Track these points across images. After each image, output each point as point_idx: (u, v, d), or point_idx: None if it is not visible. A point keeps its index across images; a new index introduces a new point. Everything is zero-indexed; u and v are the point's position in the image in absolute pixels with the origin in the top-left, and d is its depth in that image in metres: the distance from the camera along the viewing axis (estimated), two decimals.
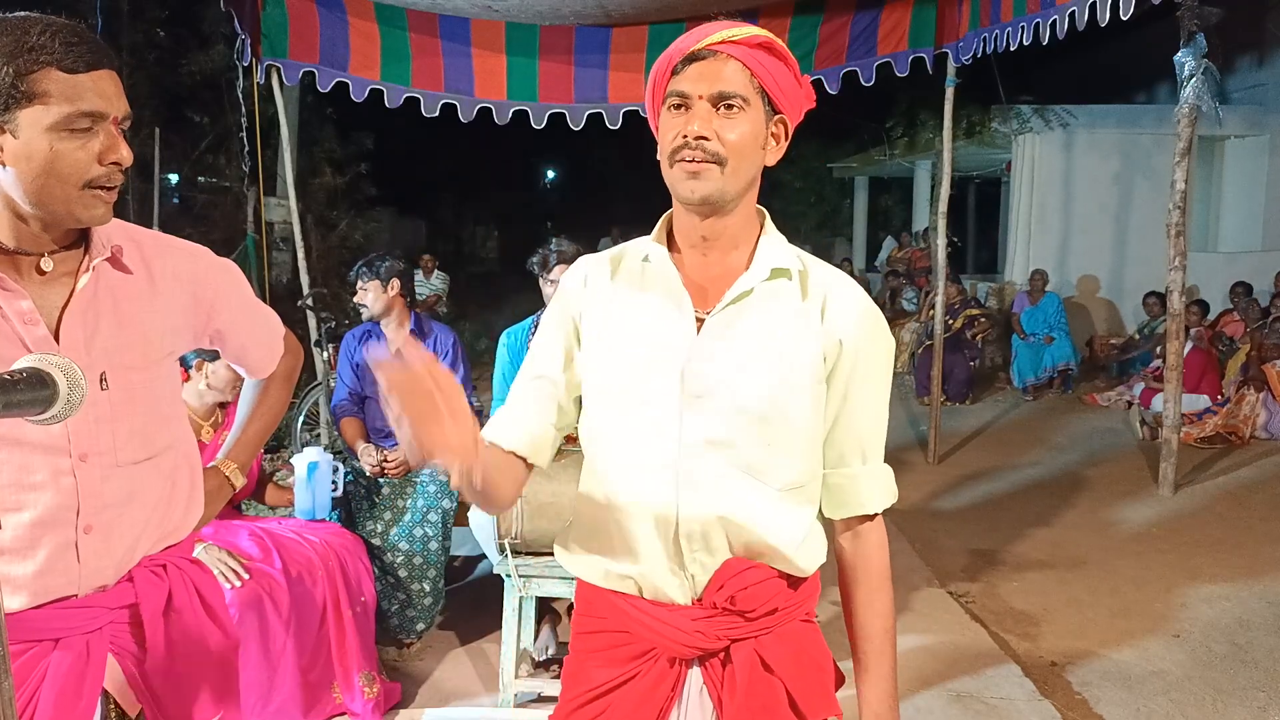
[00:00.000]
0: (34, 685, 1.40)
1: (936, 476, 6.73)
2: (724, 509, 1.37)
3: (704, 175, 1.32)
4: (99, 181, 1.36)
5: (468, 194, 25.56)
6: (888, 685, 1.44)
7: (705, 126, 1.31)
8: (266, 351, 1.82)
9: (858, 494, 1.44)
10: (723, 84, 1.32)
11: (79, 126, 1.33)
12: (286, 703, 3.01)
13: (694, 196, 1.33)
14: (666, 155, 1.35)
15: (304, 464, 3.39)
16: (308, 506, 3.41)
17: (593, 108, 5.81)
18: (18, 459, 1.37)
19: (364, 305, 3.85)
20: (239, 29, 5.13)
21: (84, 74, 1.32)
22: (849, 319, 1.40)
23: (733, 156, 1.32)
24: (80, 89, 1.32)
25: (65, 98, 1.31)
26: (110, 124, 1.36)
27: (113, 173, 1.37)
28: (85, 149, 1.34)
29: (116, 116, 1.37)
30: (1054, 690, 3.58)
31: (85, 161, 1.34)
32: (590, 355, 1.44)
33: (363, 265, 3.86)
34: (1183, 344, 6.30)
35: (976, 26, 5.96)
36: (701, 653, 1.41)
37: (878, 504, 1.45)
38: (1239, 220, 11.28)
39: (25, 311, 1.38)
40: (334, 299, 9.49)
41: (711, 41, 1.33)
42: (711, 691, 1.42)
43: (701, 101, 1.32)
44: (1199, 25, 5.74)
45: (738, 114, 1.33)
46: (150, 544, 1.53)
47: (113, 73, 1.37)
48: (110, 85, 1.36)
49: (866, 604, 1.45)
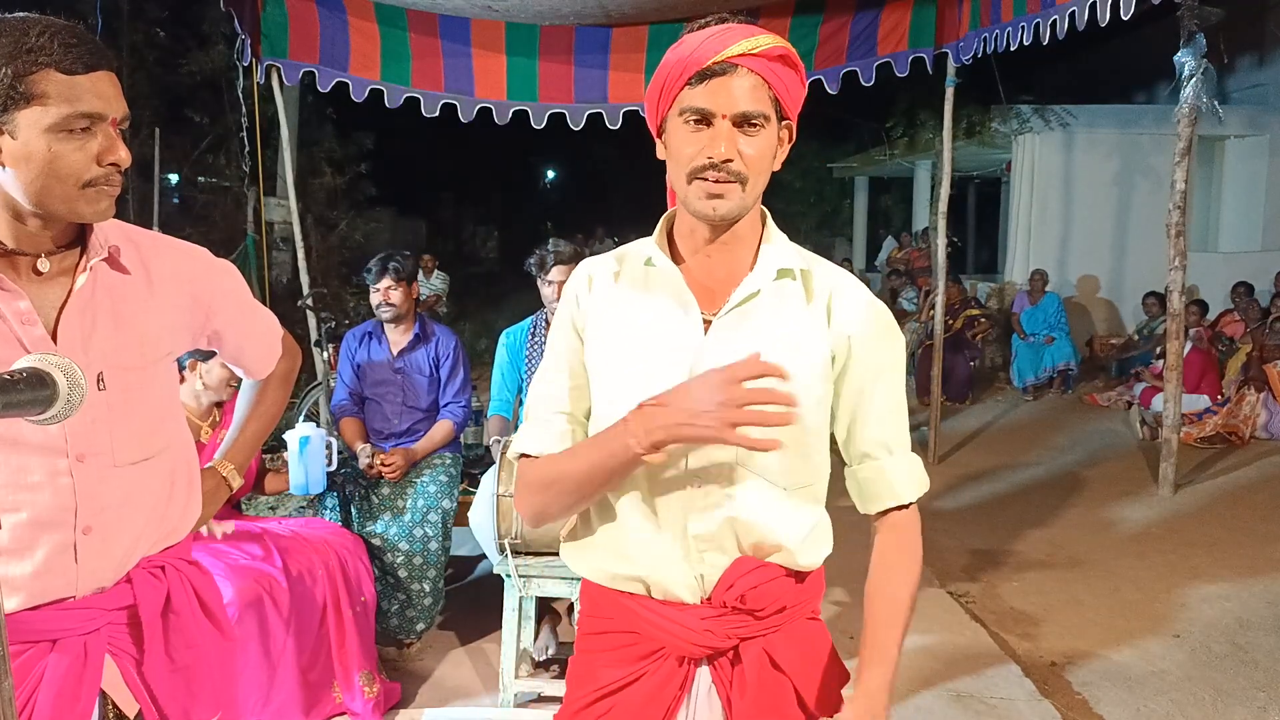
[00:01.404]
0: (32, 686, 1.40)
1: (936, 476, 6.71)
2: (733, 509, 1.37)
3: (727, 196, 1.32)
4: (98, 182, 1.36)
5: (468, 194, 25.56)
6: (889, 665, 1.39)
7: (731, 149, 1.30)
8: (264, 352, 1.82)
9: (889, 485, 1.43)
10: (746, 103, 1.30)
11: (77, 127, 1.33)
12: (286, 702, 3.01)
13: (715, 215, 1.33)
14: (685, 171, 1.34)
15: (295, 439, 3.31)
16: (301, 481, 3.30)
17: (593, 108, 5.81)
18: (15, 460, 1.37)
19: (390, 305, 3.82)
20: (239, 29, 5.13)
21: (82, 75, 1.32)
22: (856, 317, 1.40)
23: (753, 174, 1.33)
24: (78, 90, 1.32)
25: (64, 99, 1.31)
26: (109, 125, 1.36)
27: (111, 173, 1.37)
28: (84, 150, 1.34)
29: (115, 118, 1.37)
30: (1054, 690, 3.58)
31: (84, 162, 1.34)
32: (597, 359, 1.44)
33: (386, 265, 3.82)
34: (1183, 344, 6.30)
35: (976, 26, 5.97)
36: (711, 652, 1.41)
37: (910, 493, 1.44)
38: (1239, 220, 11.27)
39: (23, 311, 1.37)
40: (334, 299, 9.49)
41: (732, 54, 1.29)
42: (720, 691, 1.42)
43: (724, 120, 1.30)
44: (1199, 25, 5.74)
45: (758, 131, 1.32)
46: (148, 545, 1.52)
47: (111, 74, 1.37)
48: (109, 86, 1.36)
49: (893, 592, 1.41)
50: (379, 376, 3.89)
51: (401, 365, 3.89)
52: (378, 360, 3.89)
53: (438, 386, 3.92)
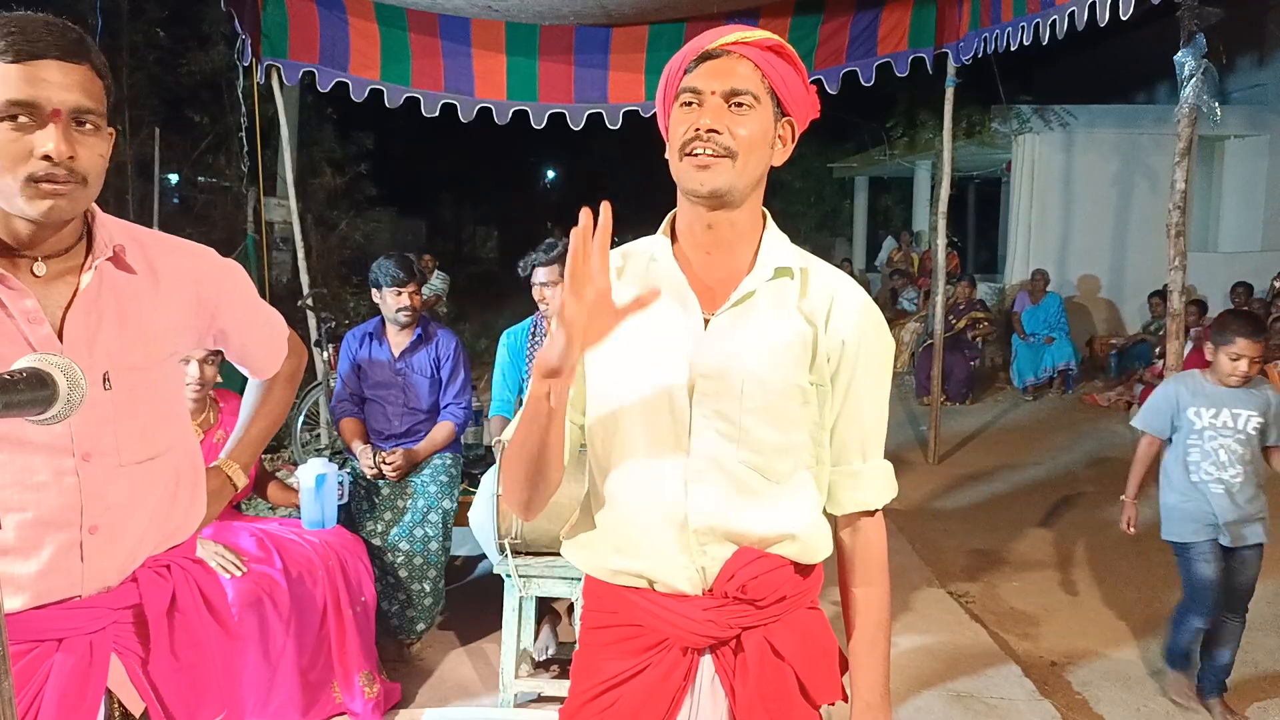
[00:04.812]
0: (38, 685, 1.40)
1: (936, 476, 6.73)
2: (734, 504, 1.39)
3: (714, 168, 1.34)
4: (39, 178, 1.31)
5: (468, 194, 25.55)
6: (879, 676, 1.47)
7: (718, 120, 1.34)
8: (270, 352, 1.82)
9: (858, 490, 1.47)
10: (735, 81, 1.36)
11: (15, 116, 1.29)
12: (286, 703, 3.01)
13: (703, 189, 1.35)
14: (677, 149, 1.37)
15: (312, 475, 3.32)
16: (317, 519, 3.32)
17: (593, 108, 5.81)
18: (20, 459, 1.37)
19: (410, 309, 3.83)
20: (239, 29, 5.13)
21: (24, 63, 1.29)
22: (851, 319, 1.42)
23: (743, 151, 1.35)
24: (9, 78, 1.29)
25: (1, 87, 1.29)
26: (52, 116, 1.31)
27: (49, 168, 1.31)
28: (19, 142, 1.30)
29: (58, 109, 1.31)
30: (1054, 690, 3.58)
31: (18, 154, 1.30)
32: (595, 355, 1.45)
33: (410, 268, 3.83)
34: (1183, 344, 6.29)
35: (977, 26, 5.97)
36: (713, 641, 1.43)
37: (878, 499, 1.48)
38: (1239, 220, 11.28)
39: (30, 310, 1.37)
40: (334, 299, 9.49)
41: (725, 42, 1.37)
42: (723, 680, 1.44)
43: (714, 97, 1.35)
44: (1199, 25, 5.73)
45: (748, 111, 1.36)
46: (153, 544, 1.52)
47: (66, 64, 1.32)
48: (57, 75, 1.31)
49: (864, 597, 1.49)
50: (380, 378, 3.89)
51: (403, 367, 3.89)
52: (379, 361, 3.89)
53: (438, 388, 3.92)
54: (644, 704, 1.43)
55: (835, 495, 1.48)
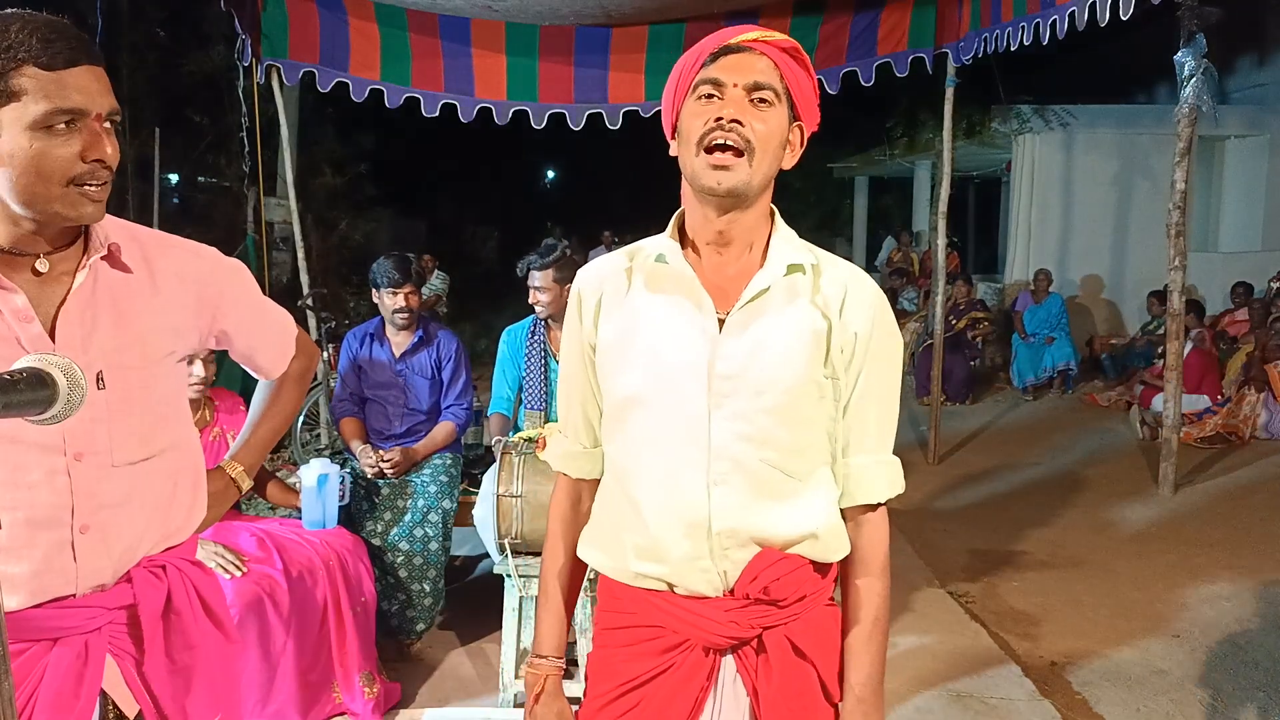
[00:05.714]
0: (32, 685, 1.40)
1: (936, 476, 6.73)
2: (755, 504, 1.39)
3: (734, 168, 1.34)
4: (83, 179, 1.33)
5: (468, 194, 25.52)
6: (873, 670, 1.46)
7: (740, 112, 1.34)
8: (277, 353, 1.80)
9: (863, 483, 1.46)
10: (758, 75, 1.36)
11: (59, 123, 1.31)
12: (286, 703, 3.01)
13: (720, 188, 1.35)
14: (695, 142, 1.36)
15: (313, 476, 3.32)
16: (318, 519, 3.32)
17: (592, 108, 5.81)
18: (13, 458, 1.36)
19: (409, 310, 3.83)
20: (239, 29, 5.13)
21: (62, 70, 1.30)
22: (865, 311, 1.42)
23: (760, 147, 1.35)
24: (58, 86, 1.30)
25: (43, 95, 1.29)
26: (93, 120, 1.33)
27: (96, 169, 1.34)
28: (67, 146, 1.32)
29: (100, 113, 1.34)
30: (1054, 690, 3.58)
31: (68, 159, 1.32)
32: (610, 358, 1.46)
33: (409, 269, 3.82)
34: (1183, 344, 6.30)
35: (977, 26, 5.97)
36: (735, 642, 1.43)
37: (882, 494, 1.47)
38: (1239, 220, 11.27)
39: (19, 308, 1.37)
40: (334, 299, 9.49)
41: (747, 38, 1.38)
42: (745, 679, 1.44)
43: (736, 89, 1.36)
44: (1199, 25, 5.74)
45: (768, 108, 1.36)
46: (151, 544, 1.52)
47: (96, 68, 1.34)
48: (92, 81, 1.33)
49: (863, 591, 1.47)
50: (380, 378, 3.89)
51: (403, 368, 3.89)
52: (380, 362, 3.89)
53: (439, 389, 3.92)
54: (668, 705, 1.43)
55: (839, 487, 1.47)
